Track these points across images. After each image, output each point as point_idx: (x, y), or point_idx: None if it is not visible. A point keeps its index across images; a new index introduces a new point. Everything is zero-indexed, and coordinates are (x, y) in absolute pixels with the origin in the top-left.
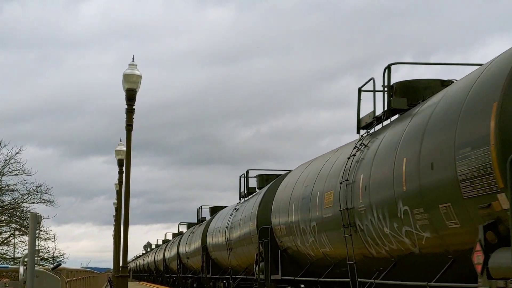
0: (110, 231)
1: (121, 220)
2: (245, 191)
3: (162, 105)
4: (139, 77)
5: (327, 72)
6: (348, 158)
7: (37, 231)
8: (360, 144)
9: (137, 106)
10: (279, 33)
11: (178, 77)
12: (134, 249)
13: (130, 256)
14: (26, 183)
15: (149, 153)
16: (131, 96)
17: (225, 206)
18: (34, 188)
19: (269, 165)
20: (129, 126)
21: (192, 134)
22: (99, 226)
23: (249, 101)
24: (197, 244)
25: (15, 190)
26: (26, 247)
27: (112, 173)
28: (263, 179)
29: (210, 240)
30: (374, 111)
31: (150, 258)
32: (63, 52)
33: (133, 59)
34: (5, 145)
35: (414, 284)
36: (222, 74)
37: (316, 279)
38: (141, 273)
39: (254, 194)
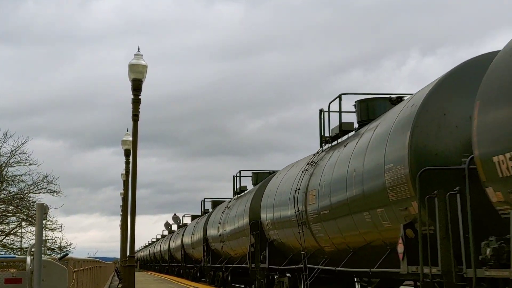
0: (118, 221)
1: (128, 210)
2: (238, 189)
3: (173, 99)
4: (145, 67)
5: (336, 66)
6: (308, 164)
7: (44, 221)
8: (318, 156)
9: (148, 99)
10: (289, 29)
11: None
12: (142, 239)
13: (137, 246)
14: (33, 173)
15: (158, 145)
16: (137, 86)
17: (226, 200)
18: (40, 178)
19: (277, 156)
20: (135, 116)
21: (201, 126)
22: (107, 217)
23: (259, 94)
24: (199, 235)
25: (21, 181)
26: (33, 237)
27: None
28: (257, 177)
29: (210, 232)
30: (329, 131)
31: (156, 248)
32: (76, 47)
33: (138, 49)
34: (11, 136)
35: (361, 271)
36: (232, 68)
37: (294, 266)
38: (148, 263)
39: (247, 191)
